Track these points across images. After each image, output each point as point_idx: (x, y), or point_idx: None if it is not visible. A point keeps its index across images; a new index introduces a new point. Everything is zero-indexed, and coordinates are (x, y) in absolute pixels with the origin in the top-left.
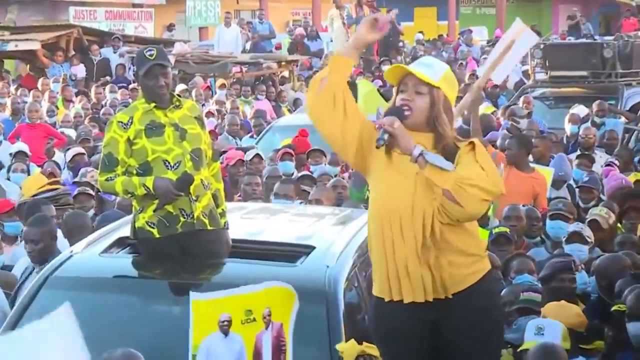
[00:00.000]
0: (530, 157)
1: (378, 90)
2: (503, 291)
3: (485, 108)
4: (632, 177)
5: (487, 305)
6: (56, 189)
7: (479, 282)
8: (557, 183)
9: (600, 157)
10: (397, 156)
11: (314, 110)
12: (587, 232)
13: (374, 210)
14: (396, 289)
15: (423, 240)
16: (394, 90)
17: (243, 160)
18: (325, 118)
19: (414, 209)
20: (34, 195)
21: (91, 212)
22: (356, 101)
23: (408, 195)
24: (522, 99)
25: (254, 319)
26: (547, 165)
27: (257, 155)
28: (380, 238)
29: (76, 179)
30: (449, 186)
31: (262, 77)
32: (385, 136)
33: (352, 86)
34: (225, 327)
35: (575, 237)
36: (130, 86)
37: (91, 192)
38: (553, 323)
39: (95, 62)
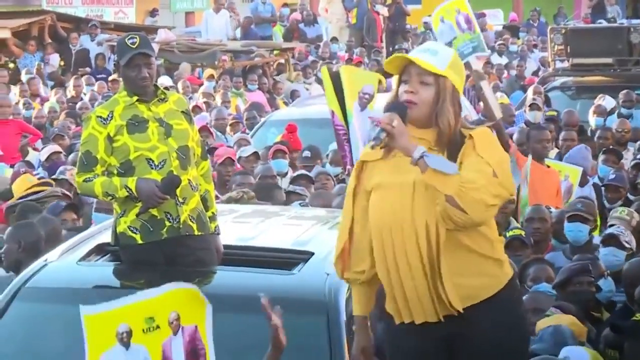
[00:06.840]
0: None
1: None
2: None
3: (500, 99)
4: None
5: (509, 321)
6: (44, 190)
7: (498, 294)
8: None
9: (628, 152)
10: (395, 161)
11: None
12: (627, 237)
13: (372, 224)
14: (406, 311)
15: (429, 254)
16: (394, 80)
17: (233, 159)
18: None
19: (414, 219)
20: (20, 198)
21: None
22: (342, 92)
23: (406, 204)
24: (532, 89)
25: (158, 327)
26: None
27: (255, 153)
28: (382, 256)
29: (54, 177)
30: (452, 191)
31: (252, 66)
32: (382, 135)
33: (336, 76)
34: (125, 340)
35: (612, 241)
36: (110, 77)
37: (68, 193)
38: (579, 352)
39: (73, 52)
